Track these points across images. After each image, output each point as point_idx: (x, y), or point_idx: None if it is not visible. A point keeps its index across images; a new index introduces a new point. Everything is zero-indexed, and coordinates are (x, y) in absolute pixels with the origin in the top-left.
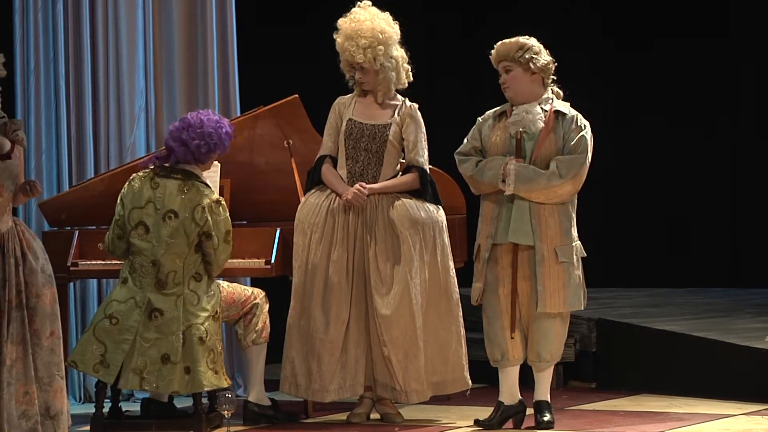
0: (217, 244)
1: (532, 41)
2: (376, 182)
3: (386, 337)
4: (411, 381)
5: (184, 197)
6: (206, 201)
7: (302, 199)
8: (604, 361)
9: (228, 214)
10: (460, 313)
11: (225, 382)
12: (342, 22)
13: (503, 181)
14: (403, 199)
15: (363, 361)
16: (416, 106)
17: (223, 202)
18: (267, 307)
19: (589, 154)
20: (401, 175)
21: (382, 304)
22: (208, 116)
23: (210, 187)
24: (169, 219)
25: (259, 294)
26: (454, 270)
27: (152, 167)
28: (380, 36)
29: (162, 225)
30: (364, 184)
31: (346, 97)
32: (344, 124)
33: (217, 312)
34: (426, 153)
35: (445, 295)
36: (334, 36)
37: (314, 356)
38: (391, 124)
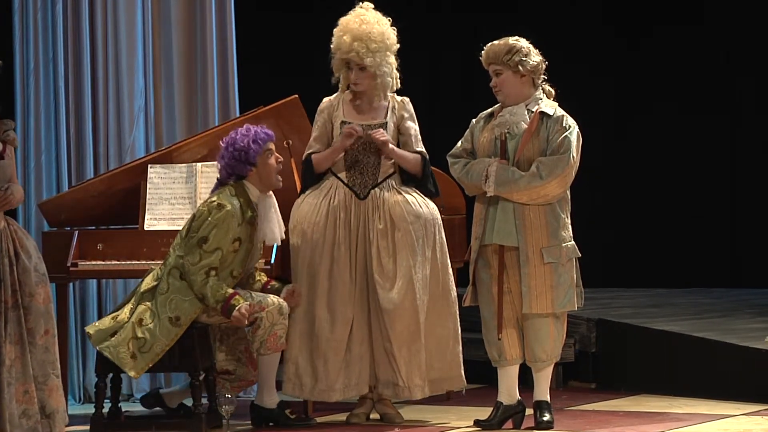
0: (187, 241)
1: (521, 42)
2: (377, 181)
3: (390, 331)
4: (414, 377)
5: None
6: (213, 199)
7: (298, 200)
8: (604, 362)
9: (221, 225)
10: (457, 311)
11: (131, 370)
12: (348, 21)
13: (485, 182)
14: (405, 195)
15: (367, 359)
16: (408, 99)
17: (225, 211)
18: (279, 319)
19: (575, 155)
20: (392, 165)
21: (386, 299)
22: (236, 131)
23: (236, 197)
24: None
25: (270, 305)
26: (451, 268)
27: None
28: (387, 42)
29: None
30: (356, 127)
31: (332, 98)
32: (337, 127)
33: (179, 318)
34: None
35: (444, 292)
36: (337, 32)
37: (320, 356)
38: (387, 122)
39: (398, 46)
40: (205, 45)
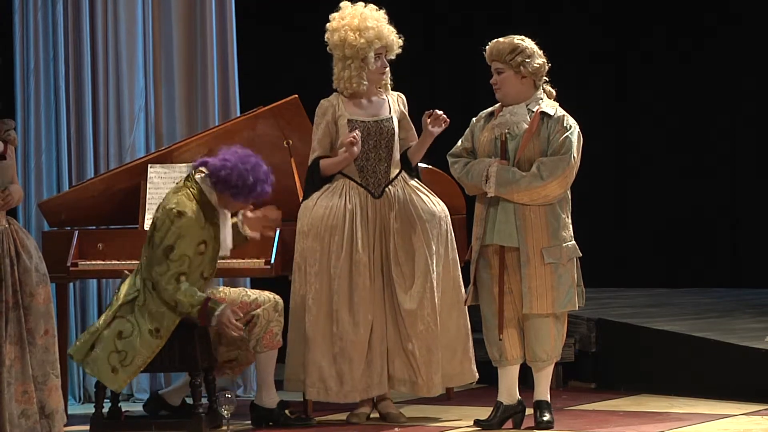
0: (152, 251)
1: (526, 43)
2: (389, 176)
3: (411, 331)
4: (433, 374)
5: (168, 194)
6: (170, 205)
7: (310, 203)
8: (604, 361)
9: (185, 233)
10: (465, 307)
11: (112, 384)
12: (369, 11)
13: (486, 182)
14: (417, 192)
15: (385, 357)
16: (402, 94)
17: (186, 218)
18: (275, 316)
19: (576, 155)
20: (399, 160)
21: (406, 299)
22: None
23: (194, 200)
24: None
25: (266, 302)
26: (459, 263)
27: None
28: None
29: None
30: (354, 134)
31: (330, 99)
32: (342, 125)
33: (159, 330)
34: None
35: (454, 288)
36: (357, 27)
37: (345, 358)
38: (392, 117)
39: None
40: (205, 44)
